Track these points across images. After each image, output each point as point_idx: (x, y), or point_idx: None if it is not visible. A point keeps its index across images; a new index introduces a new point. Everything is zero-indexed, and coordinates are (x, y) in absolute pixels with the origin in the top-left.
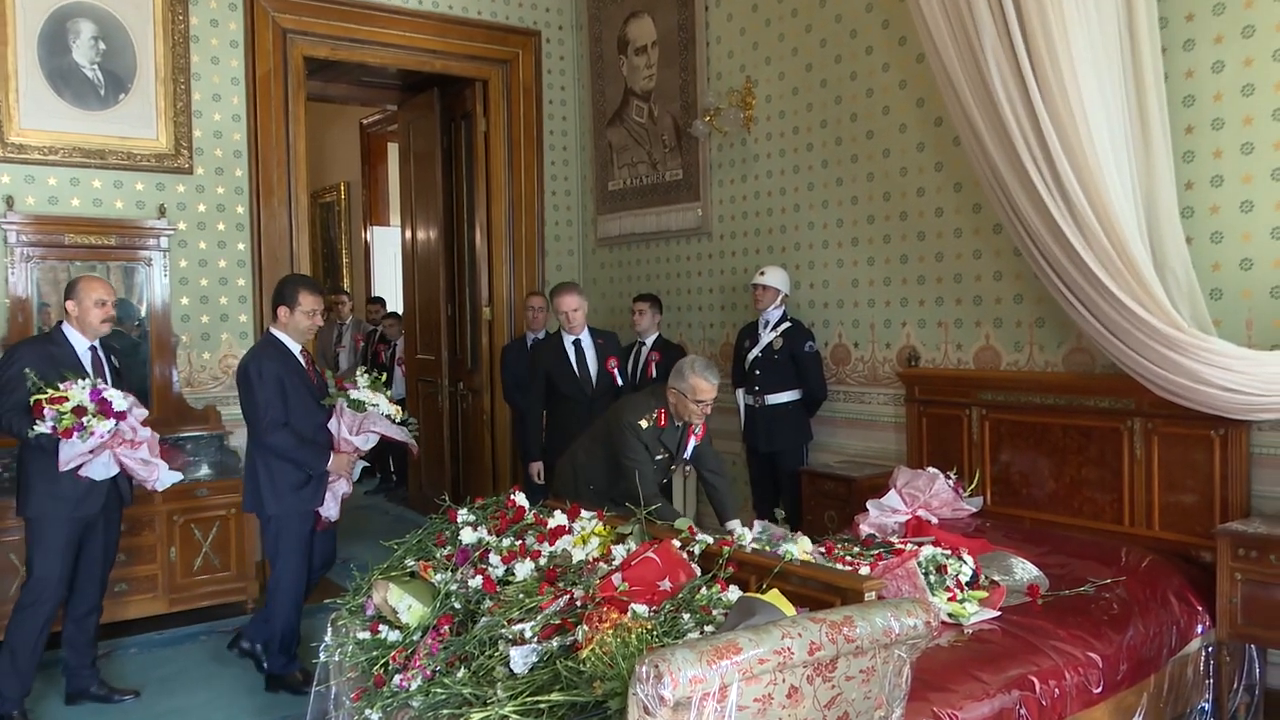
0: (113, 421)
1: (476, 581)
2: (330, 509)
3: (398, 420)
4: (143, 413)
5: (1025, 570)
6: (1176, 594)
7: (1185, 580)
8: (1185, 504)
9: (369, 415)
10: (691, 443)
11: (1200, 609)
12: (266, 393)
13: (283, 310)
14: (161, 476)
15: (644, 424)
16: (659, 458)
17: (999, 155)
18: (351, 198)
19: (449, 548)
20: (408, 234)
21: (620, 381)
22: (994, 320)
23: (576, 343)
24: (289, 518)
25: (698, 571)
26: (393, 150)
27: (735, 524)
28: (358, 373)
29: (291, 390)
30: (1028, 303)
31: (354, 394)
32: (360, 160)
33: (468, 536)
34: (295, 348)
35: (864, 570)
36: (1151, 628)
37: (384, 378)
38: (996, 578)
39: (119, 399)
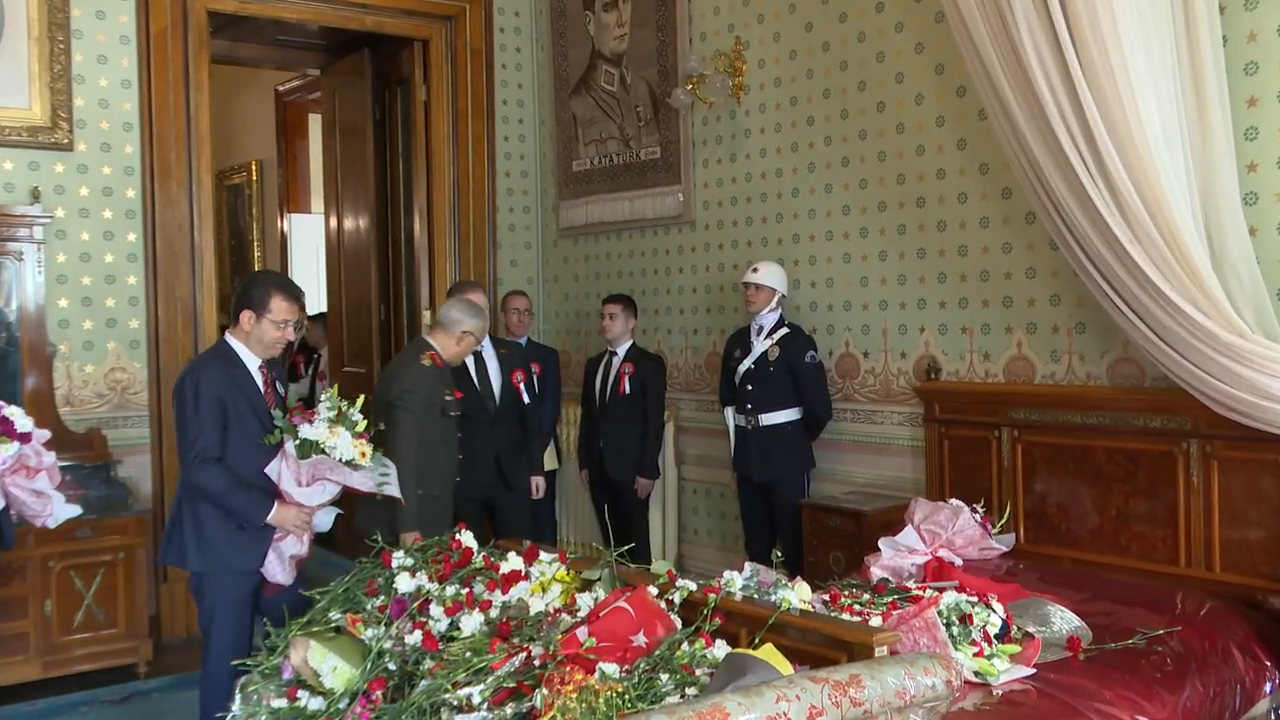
0: (16, 445)
1: (415, 637)
2: (275, 572)
3: (365, 463)
4: (45, 434)
5: (1064, 620)
6: (1241, 646)
7: (1251, 630)
8: (1251, 540)
9: (321, 461)
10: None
11: (1269, 664)
12: (201, 416)
13: (246, 315)
14: (56, 511)
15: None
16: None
17: (1031, 131)
18: (265, 179)
19: (382, 597)
20: (333, 223)
21: (527, 398)
22: (1027, 325)
23: (476, 352)
24: (220, 576)
25: (678, 624)
26: (315, 123)
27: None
28: (323, 398)
29: (236, 417)
30: (1066, 305)
31: (304, 431)
32: (276, 135)
33: (404, 584)
34: (253, 363)
35: (875, 621)
36: (1212, 686)
37: (358, 405)
38: (1031, 629)
39: (20, 417)
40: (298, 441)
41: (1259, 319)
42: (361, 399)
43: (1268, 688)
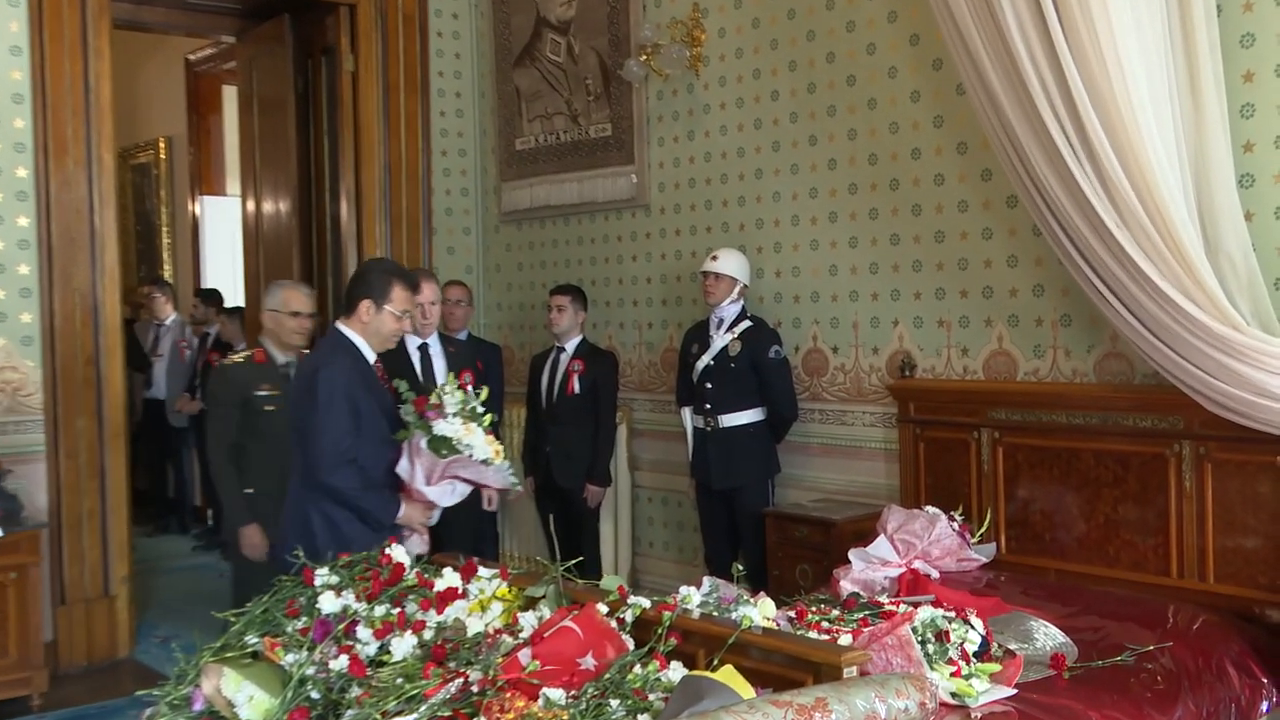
0: None
1: (341, 663)
2: None
3: (499, 462)
4: None
5: (1048, 636)
6: (1236, 663)
7: (1247, 645)
8: (1247, 549)
9: (456, 460)
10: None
11: (1265, 681)
12: (336, 415)
13: (365, 305)
14: None
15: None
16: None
17: (1012, 107)
18: (175, 158)
19: (304, 619)
20: (250, 206)
21: None
22: (1008, 318)
23: (423, 348)
24: None
25: (630, 645)
26: (230, 96)
27: None
28: (445, 389)
29: (366, 414)
30: (1050, 295)
31: (439, 427)
32: (186, 109)
33: (329, 604)
34: (370, 356)
35: (844, 639)
36: (1205, 706)
37: (482, 396)
38: (1012, 646)
39: None
40: (432, 438)
41: (1255, 311)
42: (486, 391)
43: (1264, 706)
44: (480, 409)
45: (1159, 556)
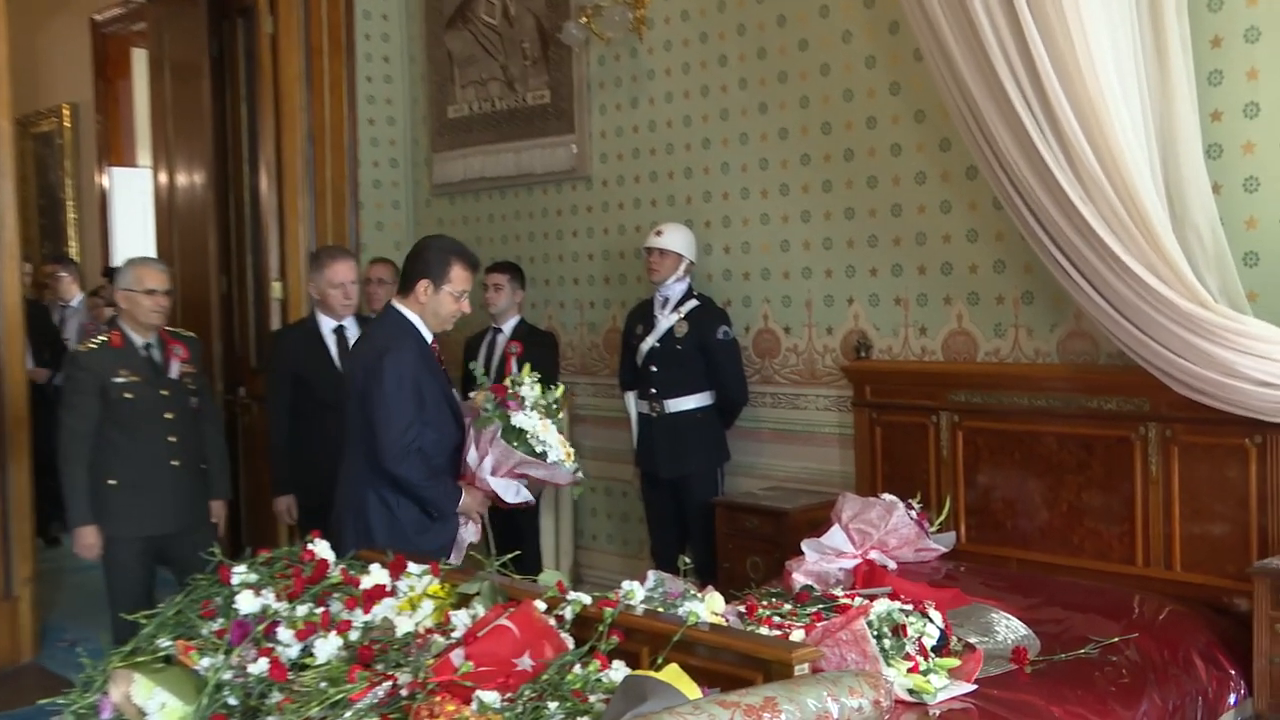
0: None
1: (260, 666)
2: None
3: (569, 462)
4: None
5: (1010, 629)
6: (1203, 654)
7: (1214, 636)
8: (1214, 536)
9: (526, 460)
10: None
11: (1234, 673)
12: (403, 404)
13: (424, 285)
14: None
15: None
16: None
17: (971, 74)
18: (80, 127)
19: (220, 620)
20: (163, 178)
21: None
22: (968, 295)
23: (339, 330)
24: None
25: (570, 644)
26: (140, 60)
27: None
28: (524, 380)
29: (430, 400)
30: (1012, 272)
31: (517, 419)
32: (93, 74)
33: (247, 604)
34: (428, 337)
35: (796, 635)
36: (1171, 699)
37: (557, 393)
38: (972, 639)
39: None
40: (508, 428)
41: (1223, 287)
42: (562, 388)
43: (1232, 699)
44: (555, 405)
45: (1124, 545)
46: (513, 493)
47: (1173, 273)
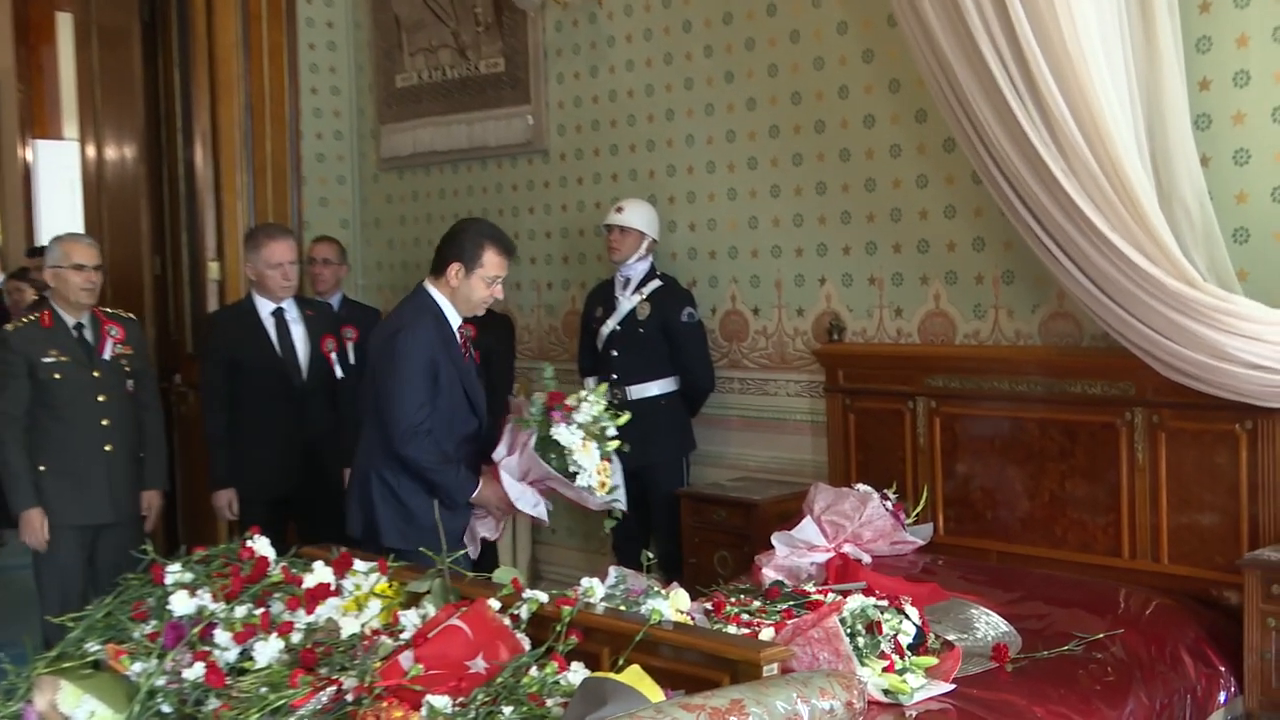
0: None
1: (196, 671)
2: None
3: (601, 495)
4: None
5: (990, 625)
6: (1191, 650)
7: (1203, 631)
8: (1203, 526)
9: (553, 477)
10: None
11: (1223, 669)
12: (415, 382)
13: (455, 269)
14: None
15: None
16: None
17: (948, 41)
18: (1, 96)
19: (153, 623)
20: (91, 151)
21: (341, 371)
22: (946, 275)
23: (278, 313)
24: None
25: (526, 645)
26: (65, 24)
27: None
28: (590, 397)
29: (444, 384)
30: (991, 250)
31: (558, 431)
32: (13, 40)
33: (182, 605)
34: (455, 321)
35: (766, 633)
36: (1159, 698)
37: (620, 420)
38: (951, 637)
39: None
40: (543, 438)
41: (1211, 265)
42: (627, 415)
43: (1222, 697)
44: (613, 432)
45: (1109, 536)
46: (529, 503)
47: (1159, 250)
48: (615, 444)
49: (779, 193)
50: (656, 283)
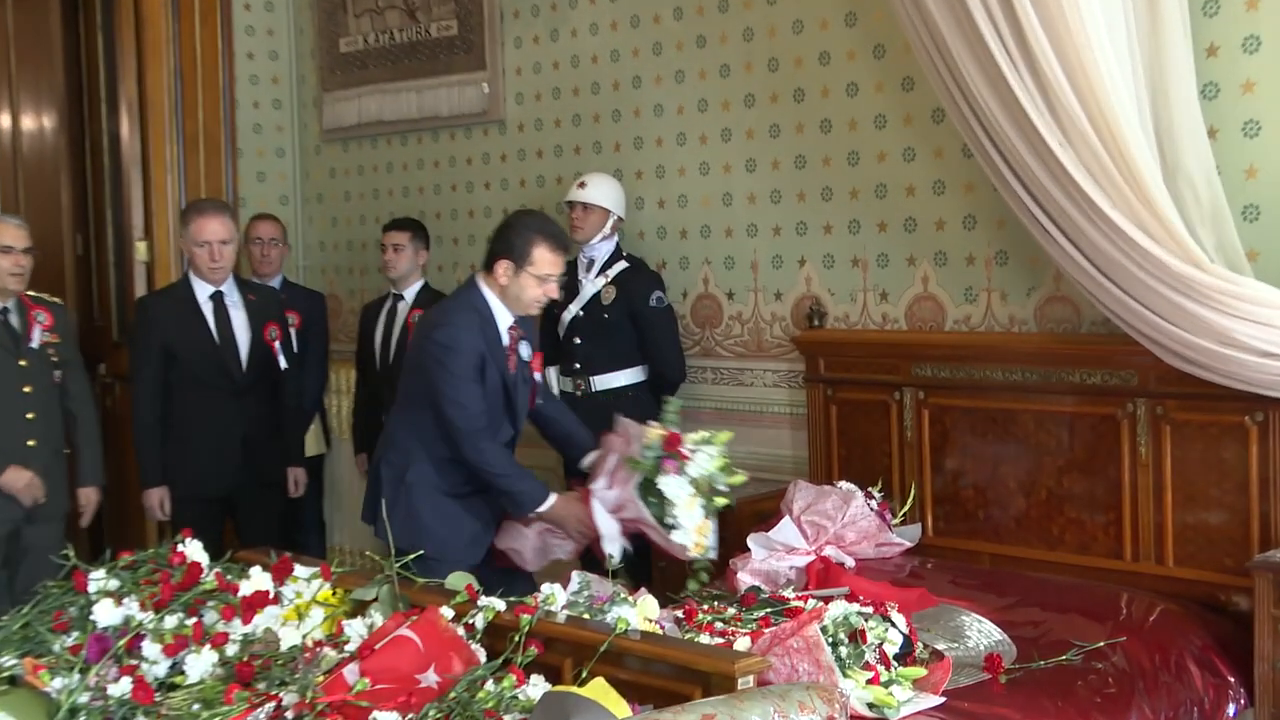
0: None
1: (122, 687)
2: (527, 557)
3: (695, 555)
4: None
5: (982, 633)
6: (1198, 659)
7: (1210, 639)
8: (1211, 526)
9: (647, 522)
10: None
11: (1233, 680)
12: (462, 379)
13: (504, 266)
14: None
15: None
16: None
17: (936, 3)
18: None
19: (75, 634)
20: (5, 121)
21: (284, 361)
22: (935, 255)
23: (217, 297)
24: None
25: (481, 656)
26: None
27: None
28: (710, 450)
29: (489, 385)
30: (984, 228)
31: (667, 482)
32: None
33: (107, 615)
34: (504, 321)
35: (741, 643)
36: (1164, 710)
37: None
38: (940, 646)
39: None
40: (644, 479)
41: (1219, 244)
42: (742, 476)
43: (1231, 710)
44: (723, 485)
45: (1110, 536)
46: (610, 539)
47: (1163, 228)
48: (723, 502)
49: (755, 167)
50: (622, 264)
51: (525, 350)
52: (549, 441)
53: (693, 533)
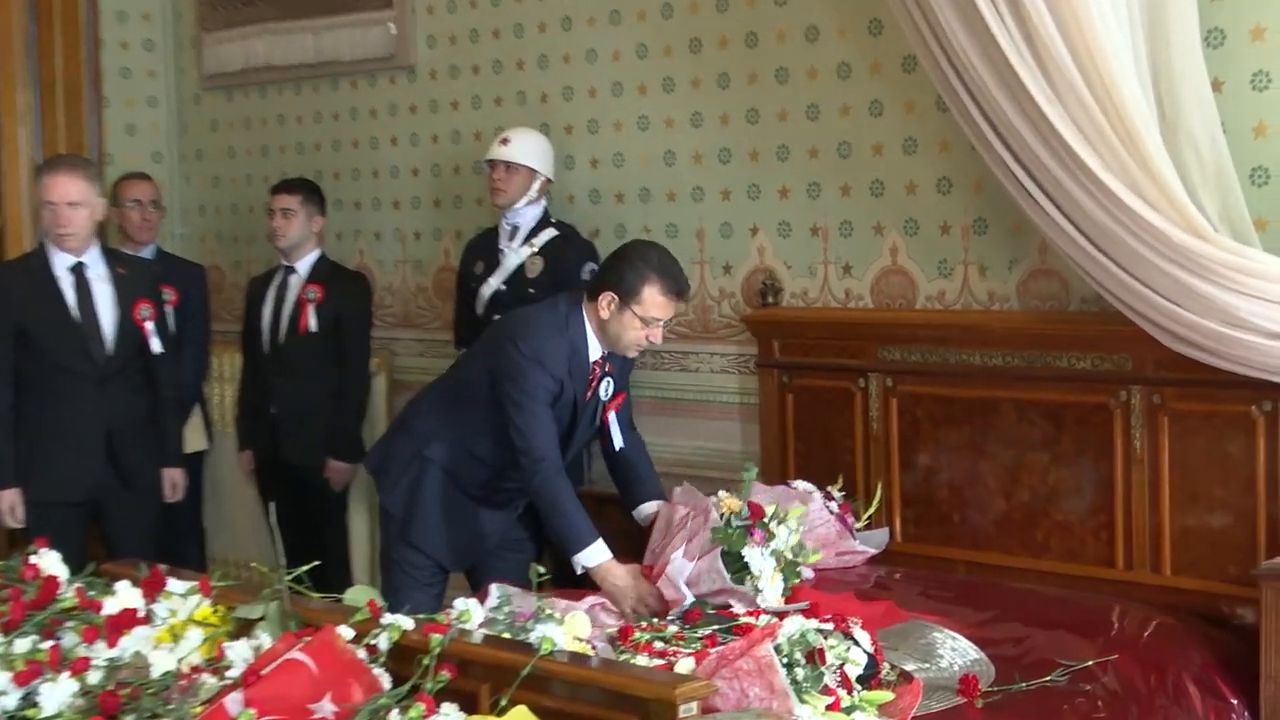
0: None
1: None
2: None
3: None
4: None
5: (956, 652)
6: (1198, 679)
7: (1211, 656)
8: (1213, 529)
9: (727, 586)
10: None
11: (1235, 702)
12: (537, 400)
13: (608, 299)
14: None
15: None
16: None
17: None
18: None
19: None
20: None
21: (158, 343)
22: (904, 224)
23: (77, 269)
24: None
25: (385, 682)
26: None
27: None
28: (792, 519)
29: (559, 413)
30: (960, 192)
31: (752, 554)
32: None
33: None
34: (594, 351)
35: (684, 665)
36: None
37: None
38: (909, 666)
39: None
40: (729, 549)
41: (1224, 212)
42: (819, 554)
43: None
44: (809, 573)
45: (1101, 542)
46: (679, 585)
47: (1162, 193)
48: (801, 578)
49: (701, 121)
50: (551, 232)
51: (606, 390)
52: (612, 474)
53: (774, 603)
